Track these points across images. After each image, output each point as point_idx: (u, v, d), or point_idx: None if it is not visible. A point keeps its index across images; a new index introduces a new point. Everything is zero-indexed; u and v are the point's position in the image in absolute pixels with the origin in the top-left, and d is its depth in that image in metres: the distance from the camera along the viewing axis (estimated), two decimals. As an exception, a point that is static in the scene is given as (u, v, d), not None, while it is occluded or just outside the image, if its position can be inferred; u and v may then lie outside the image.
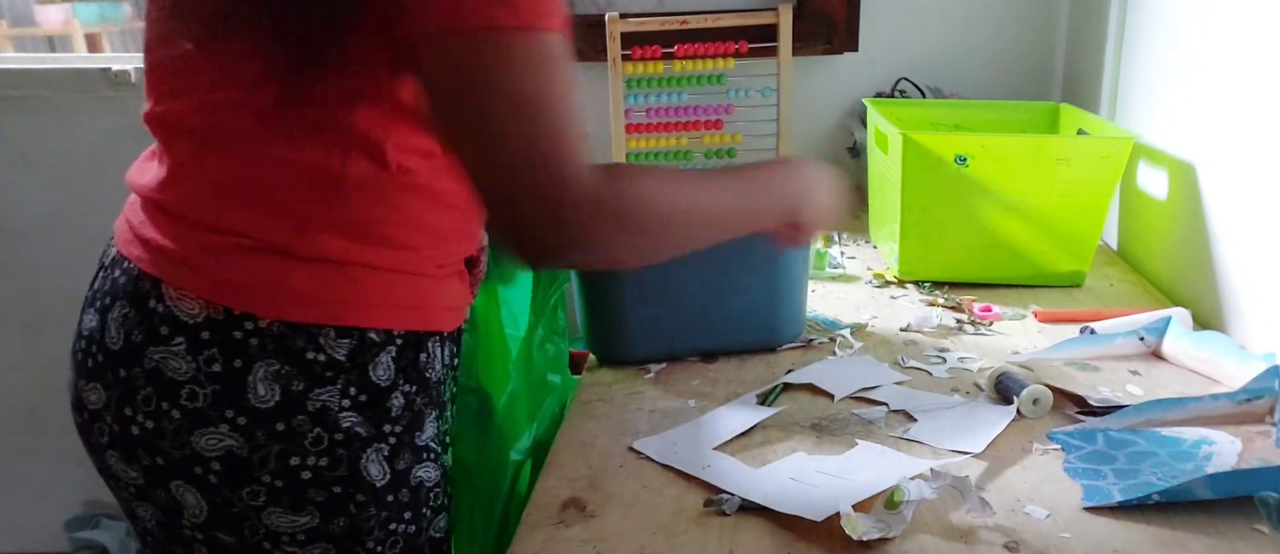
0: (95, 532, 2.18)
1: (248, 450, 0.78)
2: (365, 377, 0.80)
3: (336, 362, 0.79)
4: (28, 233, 2.05)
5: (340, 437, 0.80)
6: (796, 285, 1.13)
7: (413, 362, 0.84)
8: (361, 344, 0.80)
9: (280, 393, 0.77)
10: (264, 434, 0.78)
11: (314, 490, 0.80)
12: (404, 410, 0.84)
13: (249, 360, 0.77)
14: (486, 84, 0.69)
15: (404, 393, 0.83)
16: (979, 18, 1.79)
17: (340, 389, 0.79)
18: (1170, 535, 0.77)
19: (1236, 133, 1.14)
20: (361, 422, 0.81)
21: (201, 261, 0.77)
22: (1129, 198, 1.44)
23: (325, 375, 0.79)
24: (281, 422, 0.78)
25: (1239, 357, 1.02)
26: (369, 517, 0.82)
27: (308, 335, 0.78)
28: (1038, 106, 1.53)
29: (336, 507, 0.81)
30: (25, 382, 2.15)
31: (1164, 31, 1.35)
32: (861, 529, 0.75)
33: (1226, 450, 0.88)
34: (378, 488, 0.82)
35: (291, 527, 0.80)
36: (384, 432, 0.82)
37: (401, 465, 0.84)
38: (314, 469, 0.79)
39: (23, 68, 1.95)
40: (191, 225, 0.78)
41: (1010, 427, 0.94)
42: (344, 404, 0.80)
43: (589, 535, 0.80)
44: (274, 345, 0.77)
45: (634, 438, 0.95)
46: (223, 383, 0.77)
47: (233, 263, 0.77)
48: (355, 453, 0.80)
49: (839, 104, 1.85)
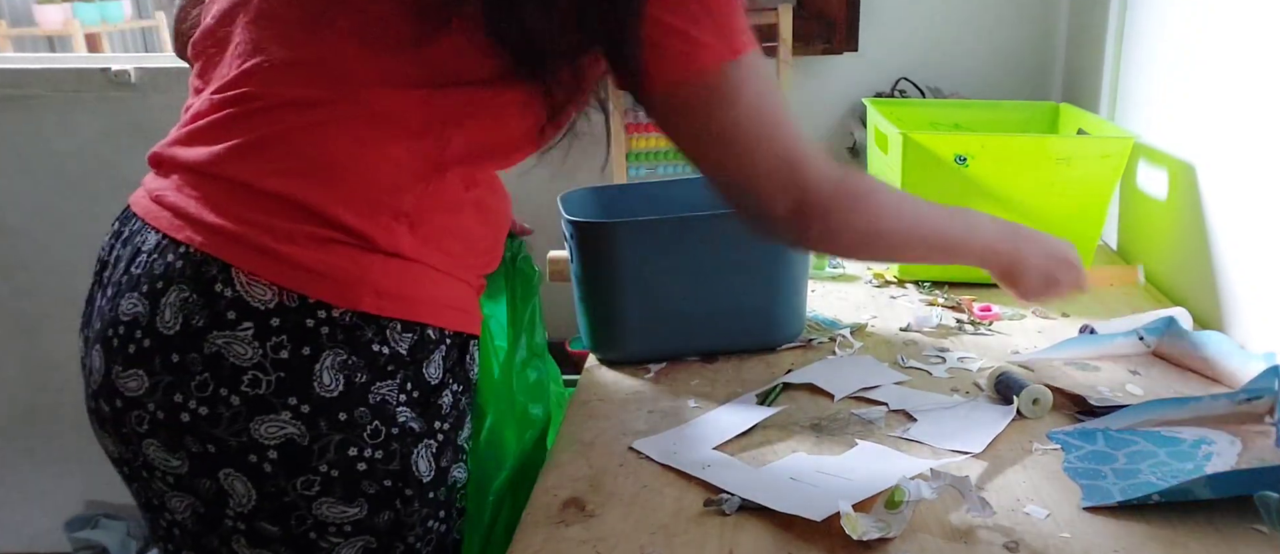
0: (95, 532, 2.18)
1: (309, 439, 0.78)
2: (420, 373, 0.83)
3: (399, 356, 0.81)
4: (27, 232, 2.05)
5: (396, 431, 0.81)
6: (796, 285, 1.13)
7: (459, 361, 0.87)
8: (422, 340, 0.82)
9: (344, 383, 0.78)
10: (326, 423, 0.78)
11: (367, 482, 0.80)
12: (452, 409, 0.86)
13: (318, 349, 0.77)
14: (728, 111, 0.78)
15: (453, 391, 0.86)
16: (979, 18, 1.79)
17: (399, 384, 0.81)
18: (1170, 535, 0.77)
19: (1236, 133, 1.14)
20: (415, 417, 0.83)
21: (279, 247, 0.76)
22: (1129, 198, 1.44)
23: (387, 369, 0.80)
24: (344, 412, 0.78)
25: (1239, 357, 1.02)
26: (412, 512, 0.83)
27: (377, 327, 0.79)
28: (1038, 106, 1.53)
29: (385, 500, 0.82)
30: (24, 382, 2.15)
31: (1164, 31, 1.35)
32: (861, 529, 0.75)
33: (1226, 450, 0.88)
34: (424, 483, 0.84)
35: (340, 517, 0.80)
36: (434, 428, 0.85)
37: (444, 463, 0.86)
38: (370, 461, 0.80)
39: (23, 67, 1.95)
40: (265, 208, 0.77)
41: (1010, 427, 0.94)
42: (401, 399, 0.81)
43: (589, 535, 0.80)
44: (344, 335, 0.78)
45: (634, 438, 0.95)
46: (288, 370, 0.76)
47: (310, 250, 0.77)
48: (408, 447, 0.82)
49: (839, 104, 1.85)
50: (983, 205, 1.27)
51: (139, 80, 1.94)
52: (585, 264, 1.10)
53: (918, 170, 1.27)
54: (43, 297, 2.07)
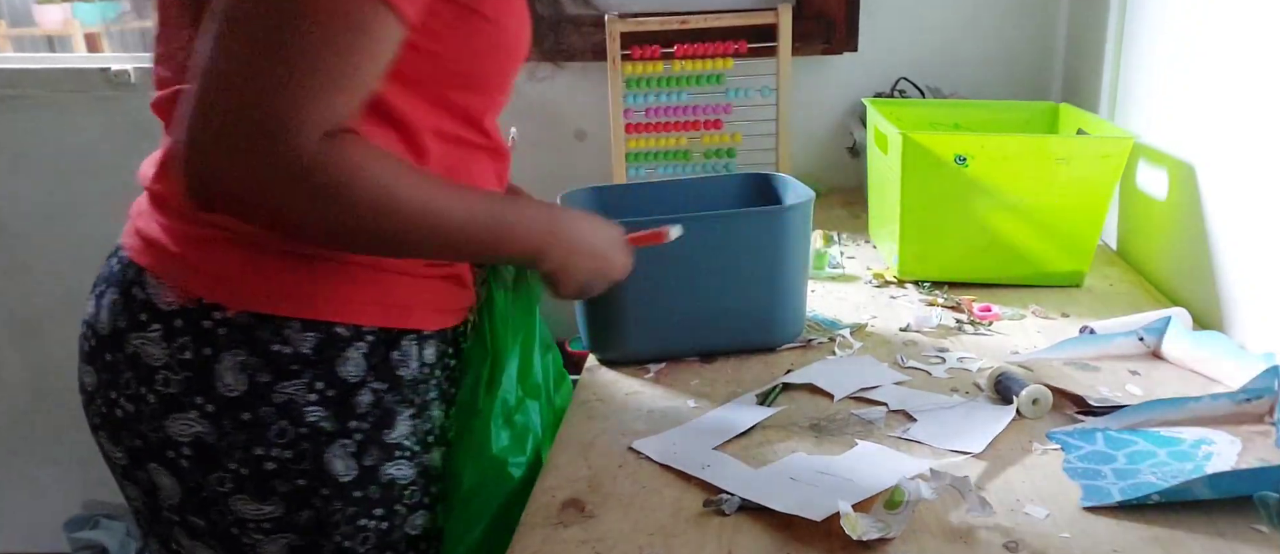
0: (95, 532, 2.18)
1: (215, 437, 0.79)
2: (333, 371, 0.81)
3: (302, 355, 0.80)
4: (26, 232, 2.05)
5: (305, 431, 0.80)
6: (796, 285, 1.13)
7: (384, 359, 0.84)
8: (329, 338, 0.81)
9: (247, 383, 0.79)
10: (231, 423, 0.79)
11: (278, 482, 0.81)
12: (372, 407, 0.84)
13: (218, 350, 0.79)
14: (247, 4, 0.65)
15: (374, 390, 0.83)
16: (979, 18, 1.79)
17: (307, 383, 0.80)
18: (1170, 535, 0.77)
19: (1236, 133, 1.14)
20: (327, 416, 0.81)
21: (180, 251, 0.80)
22: (1129, 198, 1.44)
23: (291, 368, 0.80)
24: (247, 412, 0.79)
25: (1238, 357, 1.02)
26: (334, 511, 0.83)
27: (273, 327, 0.79)
28: (1037, 106, 1.53)
29: (301, 499, 0.81)
30: (23, 382, 2.14)
31: (1164, 31, 1.35)
32: (861, 529, 0.75)
33: (1226, 450, 0.88)
34: (343, 483, 0.83)
35: (257, 515, 0.81)
36: (349, 428, 0.82)
37: (369, 462, 0.84)
38: (278, 461, 0.80)
39: (22, 67, 1.95)
40: (177, 215, 0.81)
41: (1010, 427, 0.93)
42: (310, 398, 0.80)
43: (588, 536, 0.79)
44: (241, 336, 0.79)
45: (633, 438, 0.94)
46: (193, 370, 0.79)
47: (207, 253, 0.79)
48: (319, 447, 0.81)
49: (838, 104, 1.85)
50: (982, 205, 1.27)
51: (139, 80, 1.94)
52: (585, 264, 1.09)
53: (918, 170, 1.27)
54: (42, 297, 2.07)
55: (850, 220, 1.65)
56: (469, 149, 0.86)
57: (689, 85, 1.75)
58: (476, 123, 0.86)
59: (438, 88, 0.81)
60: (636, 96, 1.75)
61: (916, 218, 1.30)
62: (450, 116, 0.83)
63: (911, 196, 1.29)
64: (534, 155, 1.91)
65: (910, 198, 1.29)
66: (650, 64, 1.72)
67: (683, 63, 1.73)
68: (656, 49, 1.72)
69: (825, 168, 1.87)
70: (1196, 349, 1.06)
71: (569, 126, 1.89)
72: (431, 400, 0.90)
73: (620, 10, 1.71)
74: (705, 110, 1.76)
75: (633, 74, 1.73)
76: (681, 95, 1.76)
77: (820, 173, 1.86)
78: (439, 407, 0.92)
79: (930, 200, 1.28)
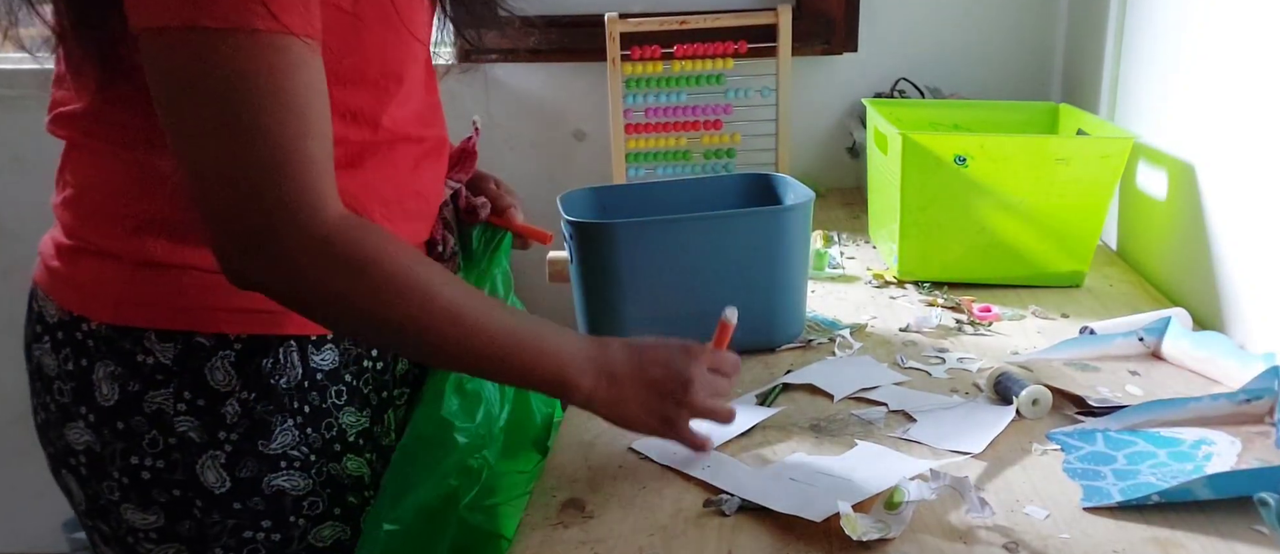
0: (94, 532, 2.18)
1: (100, 446, 0.81)
2: (201, 380, 0.79)
3: (164, 365, 0.79)
4: (22, 234, 2.05)
5: (175, 441, 0.80)
6: (796, 285, 1.13)
7: (256, 368, 0.80)
8: (189, 348, 0.79)
9: (119, 393, 0.79)
10: (109, 432, 0.80)
11: (156, 491, 0.81)
12: (241, 418, 0.80)
13: (92, 360, 0.80)
14: (185, 90, 0.65)
15: (242, 400, 0.80)
16: (978, 18, 1.79)
17: (174, 392, 0.79)
18: (1170, 535, 0.77)
19: (1236, 133, 1.14)
20: (196, 426, 0.80)
21: (55, 265, 0.82)
22: (1128, 198, 1.44)
23: (156, 378, 0.79)
24: (122, 421, 0.80)
25: (1239, 357, 1.02)
26: (213, 522, 0.82)
27: (133, 338, 0.79)
28: (1037, 106, 1.53)
29: (180, 509, 0.81)
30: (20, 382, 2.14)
31: (1164, 31, 1.35)
32: (861, 530, 0.75)
33: (1226, 450, 0.88)
34: (217, 495, 0.81)
35: (144, 524, 0.82)
36: (219, 438, 0.80)
37: (245, 473, 0.81)
38: (153, 471, 0.80)
39: (21, 68, 1.95)
40: (61, 228, 0.83)
41: (1010, 427, 0.93)
42: (179, 408, 0.80)
43: (587, 536, 0.79)
44: (107, 347, 0.79)
45: (633, 438, 0.94)
46: (76, 381, 0.81)
47: (72, 265, 0.81)
48: (190, 458, 0.80)
49: (838, 104, 1.85)
50: (982, 205, 1.27)
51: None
52: (585, 264, 1.09)
53: (917, 171, 1.27)
54: (41, 297, 2.07)
55: (850, 220, 1.65)
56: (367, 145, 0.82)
57: (689, 85, 1.75)
58: (370, 119, 0.81)
59: None
60: (636, 97, 1.75)
61: (916, 218, 1.30)
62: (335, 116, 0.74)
63: (911, 197, 1.29)
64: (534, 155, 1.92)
65: (910, 198, 1.29)
66: (650, 64, 1.72)
67: (683, 63, 1.73)
68: (656, 49, 1.72)
69: (825, 168, 1.87)
70: (1196, 349, 1.06)
71: (568, 127, 1.89)
72: (335, 407, 0.85)
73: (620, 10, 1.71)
74: (705, 110, 1.76)
75: (633, 74, 1.73)
76: (681, 95, 1.75)
77: (820, 173, 1.86)
78: (355, 412, 0.87)
79: (930, 200, 1.28)
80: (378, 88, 0.81)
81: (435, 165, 0.92)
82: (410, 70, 0.84)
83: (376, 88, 0.81)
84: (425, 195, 0.90)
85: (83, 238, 0.81)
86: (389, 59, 0.81)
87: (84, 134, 0.80)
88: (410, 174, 0.87)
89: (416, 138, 0.87)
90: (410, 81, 0.84)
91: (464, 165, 1.02)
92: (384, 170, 0.84)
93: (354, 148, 0.81)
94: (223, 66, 0.64)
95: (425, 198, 0.90)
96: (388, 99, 0.82)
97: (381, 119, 0.82)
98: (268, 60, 0.65)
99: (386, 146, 0.84)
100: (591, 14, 1.72)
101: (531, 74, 1.86)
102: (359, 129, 0.82)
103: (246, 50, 0.64)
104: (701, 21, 1.70)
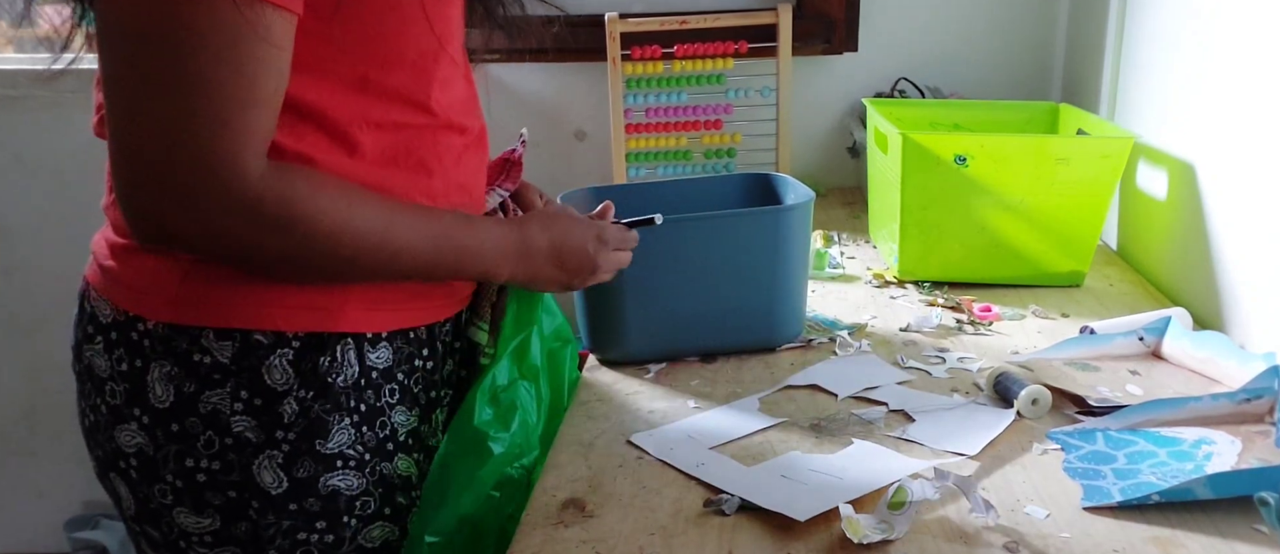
0: (95, 532, 2.18)
1: (153, 449, 0.80)
2: (258, 379, 0.78)
3: (221, 364, 0.78)
4: (24, 233, 2.05)
5: (231, 441, 0.79)
6: (796, 285, 1.13)
7: (313, 366, 0.80)
8: (246, 346, 0.78)
9: (174, 394, 0.78)
10: (163, 434, 0.79)
11: (211, 494, 0.80)
12: (299, 416, 0.79)
13: (146, 361, 0.79)
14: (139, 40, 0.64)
15: (299, 398, 0.79)
16: (978, 18, 1.79)
17: (231, 392, 0.78)
18: (1170, 535, 0.77)
19: (1236, 133, 1.14)
20: (253, 426, 0.79)
21: (109, 264, 0.81)
22: (1129, 198, 1.44)
23: (213, 377, 0.78)
24: (176, 423, 0.78)
25: (1239, 357, 1.02)
26: (269, 524, 0.81)
27: (190, 337, 0.78)
28: (1037, 106, 1.53)
29: (235, 511, 0.80)
30: (22, 382, 2.14)
31: (1164, 31, 1.35)
32: (862, 532, 0.75)
33: (1226, 450, 0.88)
34: (273, 495, 0.80)
35: (197, 527, 0.81)
36: (276, 438, 0.79)
37: (302, 474, 0.80)
38: (208, 473, 0.79)
39: (21, 68, 1.95)
40: (114, 228, 0.82)
41: (1010, 427, 0.93)
42: (236, 407, 0.78)
43: (588, 536, 0.79)
44: (163, 347, 0.78)
45: (632, 434, 0.95)
46: (130, 382, 0.79)
47: (127, 265, 0.80)
48: (246, 458, 0.79)
49: (838, 104, 1.85)
50: (982, 205, 1.27)
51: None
52: (585, 264, 1.09)
53: (918, 170, 1.27)
54: (42, 298, 2.06)
55: (850, 220, 1.65)
56: (415, 132, 0.81)
57: (689, 85, 1.75)
58: (419, 102, 0.81)
59: (352, 70, 0.76)
60: (636, 97, 1.75)
61: (916, 218, 1.30)
62: (380, 100, 0.78)
63: (911, 196, 1.29)
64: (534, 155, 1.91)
65: (910, 198, 1.29)
66: (650, 64, 1.72)
67: (683, 63, 1.73)
68: (657, 49, 1.72)
69: (825, 168, 1.87)
70: (1196, 349, 1.06)
71: (569, 127, 1.89)
72: (388, 406, 0.85)
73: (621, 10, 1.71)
74: (705, 110, 1.76)
75: (633, 74, 1.73)
76: (681, 95, 1.76)
77: (820, 173, 1.86)
78: (405, 411, 0.87)
79: (930, 200, 1.28)
80: (417, 68, 0.80)
81: (478, 158, 0.91)
82: (449, 45, 0.82)
83: (416, 68, 0.80)
84: (469, 188, 0.89)
85: None
86: (419, 35, 0.79)
87: None
88: (455, 166, 0.86)
89: (460, 127, 0.86)
90: (448, 63, 0.83)
91: (510, 175, 1.01)
92: (429, 163, 0.83)
93: (404, 137, 0.80)
94: (183, 19, 0.64)
95: (468, 191, 0.89)
96: (429, 79, 0.81)
97: (430, 102, 0.82)
98: (231, 21, 0.64)
99: (435, 134, 0.83)
100: (592, 14, 1.72)
101: (532, 74, 1.86)
102: (410, 112, 0.81)
103: (213, 7, 0.64)
104: (702, 21, 1.70)
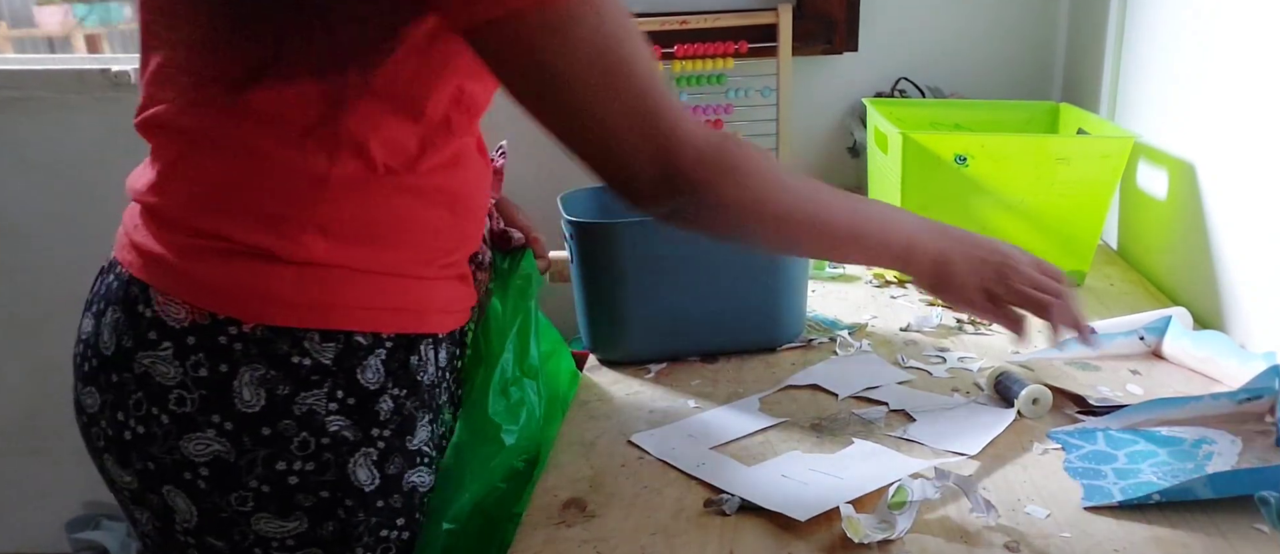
0: (95, 532, 2.18)
1: (235, 456, 0.77)
2: (353, 380, 0.79)
3: (322, 365, 0.78)
4: (27, 234, 2.05)
5: (327, 441, 0.79)
6: (796, 285, 1.13)
7: (403, 364, 0.83)
8: (348, 347, 0.79)
9: (266, 397, 0.77)
10: (250, 439, 0.77)
11: (302, 495, 0.79)
12: (393, 414, 0.82)
13: (234, 365, 0.76)
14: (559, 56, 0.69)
15: (393, 396, 0.82)
16: (979, 18, 1.79)
17: (327, 393, 0.78)
18: (1170, 535, 0.77)
19: (1236, 132, 1.14)
20: (349, 426, 0.80)
21: (185, 266, 0.77)
22: (1129, 197, 1.44)
23: (311, 379, 0.78)
24: (267, 426, 0.77)
25: (1239, 356, 1.02)
26: (358, 522, 0.81)
27: (292, 339, 0.77)
28: (1037, 106, 1.53)
29: (325, 511, 0.80)
30: (25, 383, 2.14)
31: (1164, 31, 1.35)
32: (863, 532, 0.75)
33: (1226, 450, 0.88)
34: (366, 493, 0.81)
35: (280, 532, 0.80)
36: (372, 436, 0.81)
37: (392, 470, 0.83)
38: (301, 474, 0.79)
39: (22, 68, 1.95)
40: (176, 229, 0.78)
41: (1010, 426, 0.94)
42: (331, 407, 0.79)
43: (589, 536, 0.80)
44: (258, 350, 0.76)
45: (633, 433, 0.95)
46: (209, 388, 0.77)
47: (215, 267, 0.76)
48: (343, 457, 0.80)
49: (839, 104, 1.85)
50: (983, 205, 1.27)
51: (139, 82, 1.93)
52: (585, 264, 1.10)
53: (918, 170, 1.27)
54: (43, 298, 2.07)
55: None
56: (461, 151, 0.84)
57: (689, 85, 1.75)
58: (475, 117, 0.84)
59: (456, 77, 0.78)
60: (637, 97, 1.75)
61: (917, 218, 1.30)
62: (458, 110, 0.80)
63: (912, 197, 1.29)
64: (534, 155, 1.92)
65: (910, 198, 1.29)
66: (650, 64, 1.72)
67: (683, 63, 1.73)
68: (657, 49, 1.72)
69: (826, 168, 1.87)
70: (1197, 349, 1.06)
71: (569, 127, 1.89)
72: (444, 404, 0.90)
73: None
74: (706, 110, 1.76)
75: (633, 74, 1.72)
76: (682, 95, 1.76)
77: (820, 173, 1.86)
78: (449, 410, 0.91)
79: (930, 200, 1.28)
80: (485, 84, 0.82)
81: (487, 182, 0.93)
82: None
83: (485, 84, 0.82)
84: (484, 209, 0.92)
85: (214, 234, 0.77)
86: None
87: (217, 133, 0.76)
88: (477, 184, 0.88)
89: (483, 149, 0.89)
90: None
91: (492, 185, 1.02)
92: (469, 177, 0.86)
93: (456, 148, 0.83)
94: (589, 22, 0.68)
95: (483, 212, 0.92)
96: (488, 97, 0.84)
97: (475, 122, 0.85)
98: (612, 8, 0.70)
99: (472, 155, 0.86)
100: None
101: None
102: (470, 128, 0.84)
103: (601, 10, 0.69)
104: (702, 21, 1.70)
